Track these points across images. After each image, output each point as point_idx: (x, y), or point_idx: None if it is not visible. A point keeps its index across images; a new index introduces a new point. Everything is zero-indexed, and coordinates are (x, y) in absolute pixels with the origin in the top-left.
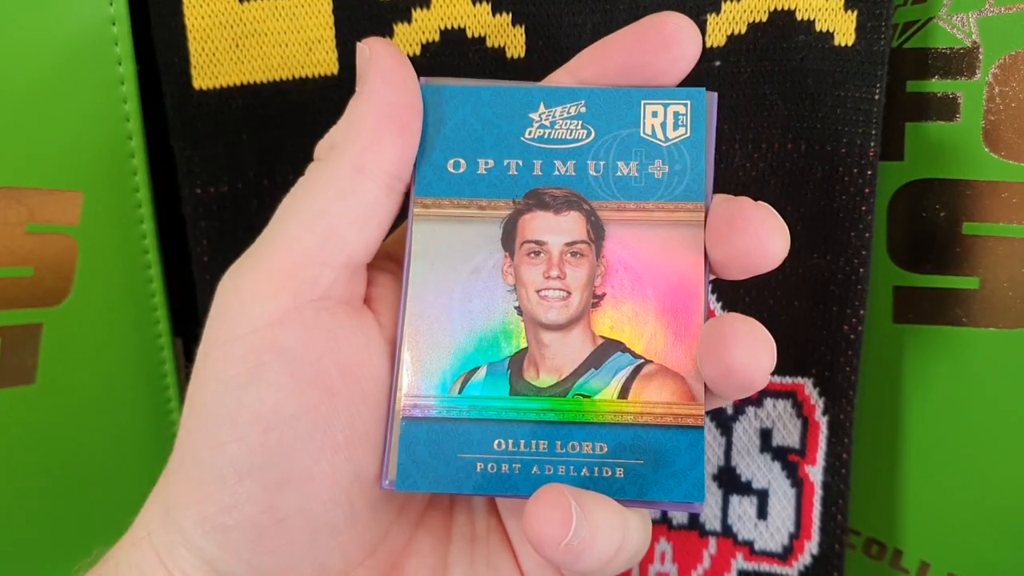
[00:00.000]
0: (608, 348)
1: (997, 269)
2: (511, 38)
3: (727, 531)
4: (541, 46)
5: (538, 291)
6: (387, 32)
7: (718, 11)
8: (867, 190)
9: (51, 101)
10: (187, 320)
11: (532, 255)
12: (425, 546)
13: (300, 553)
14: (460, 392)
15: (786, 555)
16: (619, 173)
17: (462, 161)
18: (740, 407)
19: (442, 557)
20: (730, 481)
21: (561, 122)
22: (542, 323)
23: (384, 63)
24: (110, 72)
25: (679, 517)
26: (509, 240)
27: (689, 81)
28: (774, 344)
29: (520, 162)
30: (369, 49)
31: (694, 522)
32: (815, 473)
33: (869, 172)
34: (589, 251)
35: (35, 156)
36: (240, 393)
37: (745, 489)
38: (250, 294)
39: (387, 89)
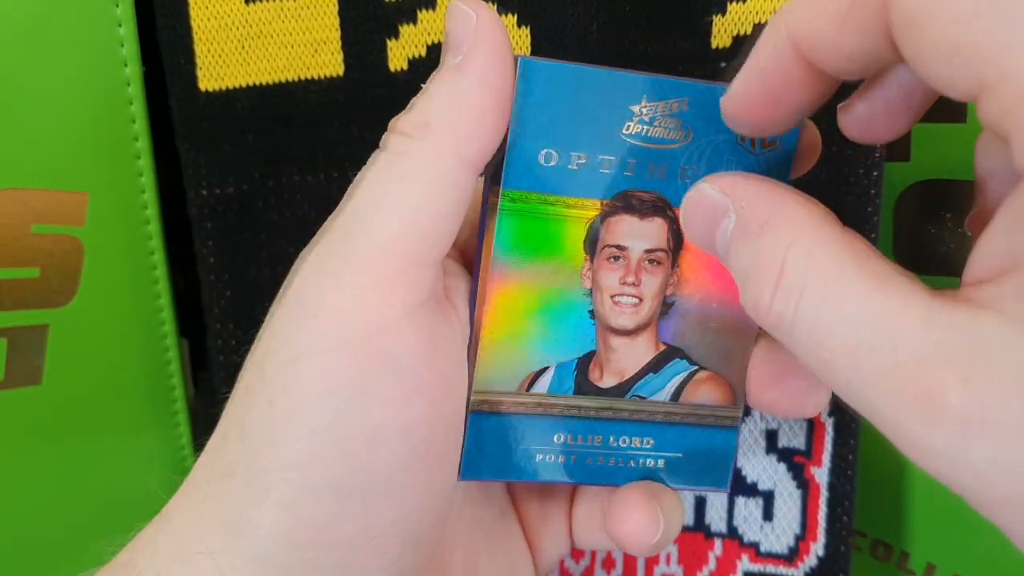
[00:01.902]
0: (669, 354)
1: None
2: (517, 39)
3: (733, 532)
4: (546, 47)
5: (612, 296)
6: (392, 34)
7: (724, 12)
8: (873, 191)
9: (57, 102)
10: (193, 321)
11: (612, 260)
12: (462, 537)
13: (386, 568)
14: (528, 389)
15: (792, 556)
16: None
17: (555, 153)
18: (746, 408)
19: (472, 547)
20: (736, 482)
21: (661, 119)
22: (612, 328)
23: (493, 37)
24: (116, 73)
25: (684, 519)
26: (591, 243)
27: None
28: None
29: (614, 159)
30: (476, 16)
31: (699, 523)
32: (821, 474)
33: (875, 173)
34: (666, 260)
35: (41, 157)
36: (346, 406)
37: (751, 490)
38: (355, 297)
39: (497, 71)
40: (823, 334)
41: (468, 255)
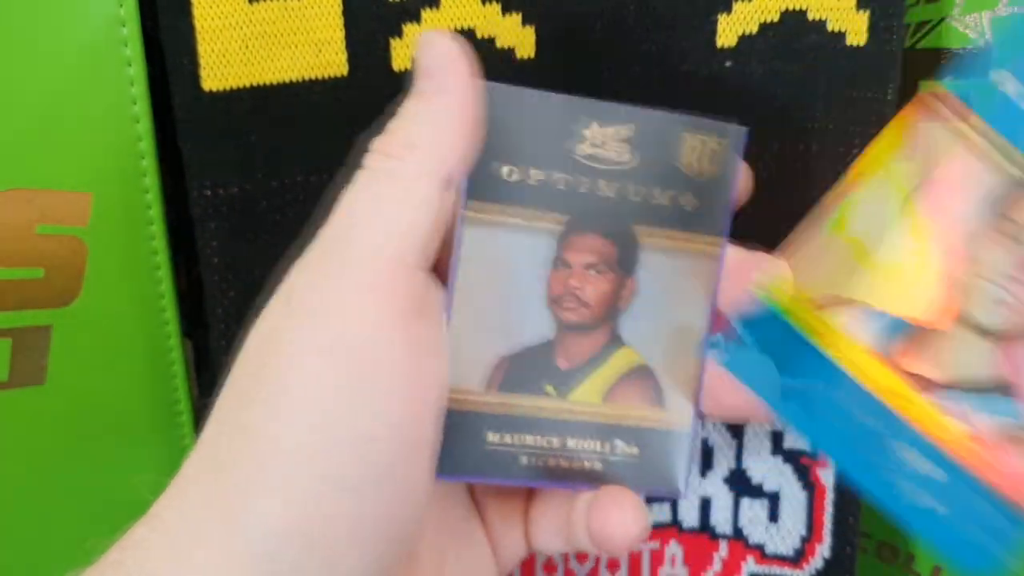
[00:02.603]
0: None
1: None
2: (521, 39)
3: (738, 534)
4: (551, 46)
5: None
6: (396, 33)
7: (729, 11)
8: None
9: (61, 103)
10: (196, 321)
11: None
12: (428, 539)
13: (368, 567)
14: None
15: (797, 558)
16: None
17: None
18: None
19: (438, 547)
20: (741, 484)
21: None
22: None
23: (463, 65)
24: (120, 73)
25: (689, 520)
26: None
27: (700, 82)
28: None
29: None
30: (447, 45)
31: (705, 524)
32: (827, 476)
33: None
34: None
35: (44, 158)
36: (344, 405)
37: (756, 492)
38: (350, 301)
39: (470, 94)
40: None
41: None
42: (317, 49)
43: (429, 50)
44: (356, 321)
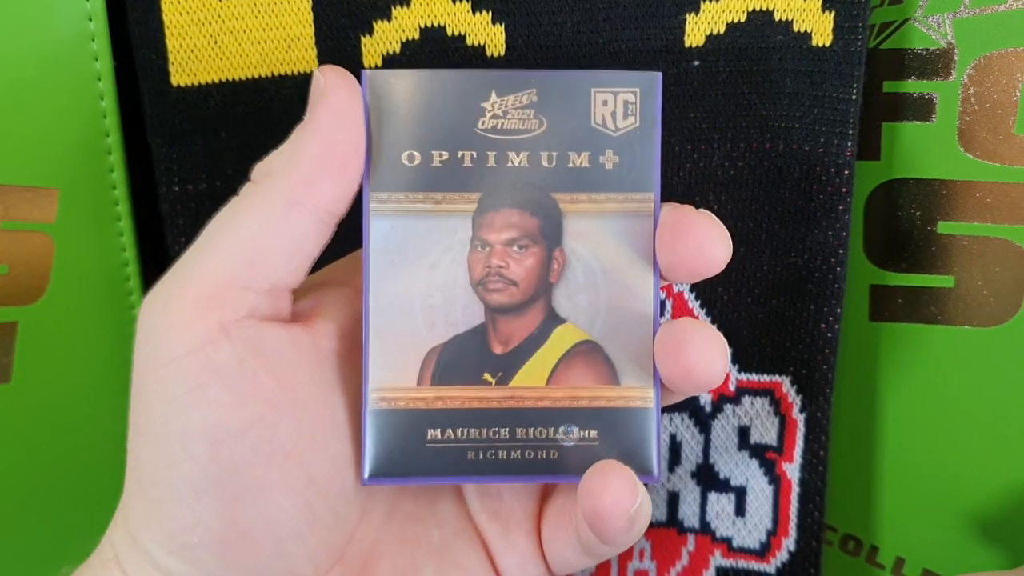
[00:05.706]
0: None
1: (971, 268)
2: (491, 36)
3: (705, 528)
4: (521, 44)
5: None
6: (366, 31)
7: (697, 11)
8: (844, 189)
9: (27, 97)
10: None
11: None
12: (393, 548)
13: (268, 562)
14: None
15: (764, 552)
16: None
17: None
18: (718, 405)
19: (410, 559)
20: (708, 478)
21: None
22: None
23: (334, 97)
24: (87, 68)
25: (658, 514)
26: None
27: (667, 80)
28: (726, 344)
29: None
30: (323, 79)
31: (672, 519)
32: (792, 470)
33: (846, 172)
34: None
35: (10, 153)
36: (183, 413)
37: (723, 486)
38: (178, 317)
39: (332, 124)
40: None
41: None
42: (287, 45)
43: (313, 84)
44: (187, 333)
